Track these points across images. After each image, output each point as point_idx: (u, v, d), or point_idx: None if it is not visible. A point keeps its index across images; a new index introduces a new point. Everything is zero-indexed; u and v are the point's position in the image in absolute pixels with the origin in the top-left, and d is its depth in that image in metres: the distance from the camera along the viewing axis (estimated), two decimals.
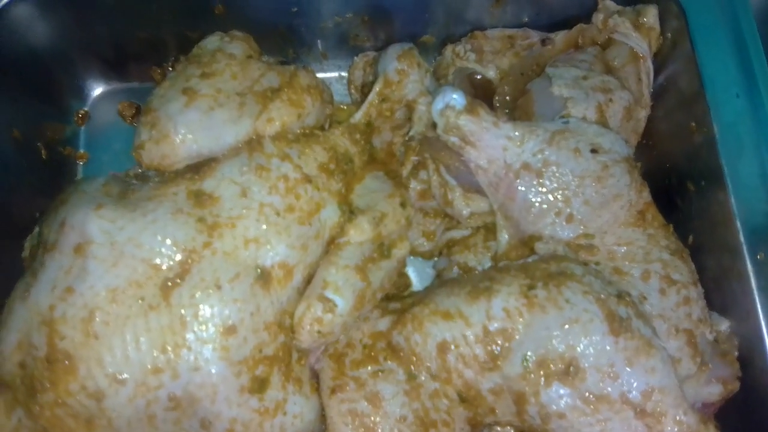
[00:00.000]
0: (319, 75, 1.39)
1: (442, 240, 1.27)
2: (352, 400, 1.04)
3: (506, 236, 1.17)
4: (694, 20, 1.19)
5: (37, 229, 1.07)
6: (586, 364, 0.98)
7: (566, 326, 0.99)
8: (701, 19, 1.19)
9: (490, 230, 1.23)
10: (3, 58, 1.16)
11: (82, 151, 1.35)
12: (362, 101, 1.29)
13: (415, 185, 1.26)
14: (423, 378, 1.06)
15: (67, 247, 0.92)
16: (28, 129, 1.23)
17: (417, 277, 1.30)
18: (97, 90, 1.37)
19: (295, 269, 0.99)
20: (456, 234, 1.26)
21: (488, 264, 1.21)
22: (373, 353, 1.08)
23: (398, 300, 1.17)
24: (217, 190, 0.97)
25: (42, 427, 0.90)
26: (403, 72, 1.14)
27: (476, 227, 1.25)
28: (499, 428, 1.07)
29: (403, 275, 1.27)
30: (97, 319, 0.88)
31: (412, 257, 1.27)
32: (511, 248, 1.17)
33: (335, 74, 1.41)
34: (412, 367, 1.06)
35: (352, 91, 1.34)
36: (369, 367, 1.07)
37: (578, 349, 0.99)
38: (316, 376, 1.09)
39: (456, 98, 1.12)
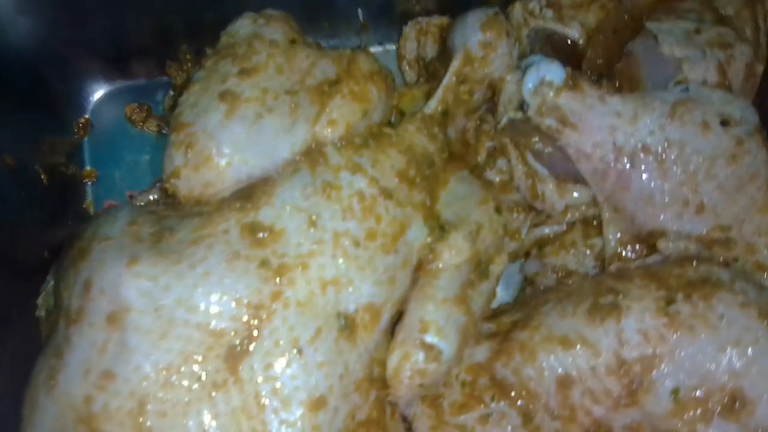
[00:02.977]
0: None
1: (530, 239, 1.07)
2: None
3: (617, 233, 0.97)
4: None
5: (51, 282, 0.87)
6: (755, 395, 0.80)
7: (725, 350, 0.81)
8: None
9: (588, 224, 1.03)
10: None
11: (88, 168, 1.12)
12: (420, 79, 1.07)
13: (492, 176, 1.05)
14: (540, 418, 0.88)
15: (97, 317, 0.71)
16: (21, 152, 1.00)
17: (501, 284, 1.09)
18: (98, 92, 1.14)
19: (383, 309, 0.79)
20: (547, 230, 1.06)
21: (591, 266, 1.02)
22: (476, 393, 0.90)
23: (490, 319, 0.97)
24: (278, 222, 0.76)
25: None
26: (488, 45, 0.91)
27: (571, 222, 1.04)
28: None
29: None
30: (150, 410, 0.68)
31: None
32: (623, 245, 0.97)
33: (379, 48, 1.18)
34: (527, 406, 0.87)
35: (405, 67, 1.12)
36: (475, 411, 0.88)
37: (743, 377, 0.80)
38: (408, 424, 0.91)
39: (554, 71, 0.90)
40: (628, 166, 0.92)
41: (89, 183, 1.12)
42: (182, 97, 0.83)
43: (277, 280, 0.74)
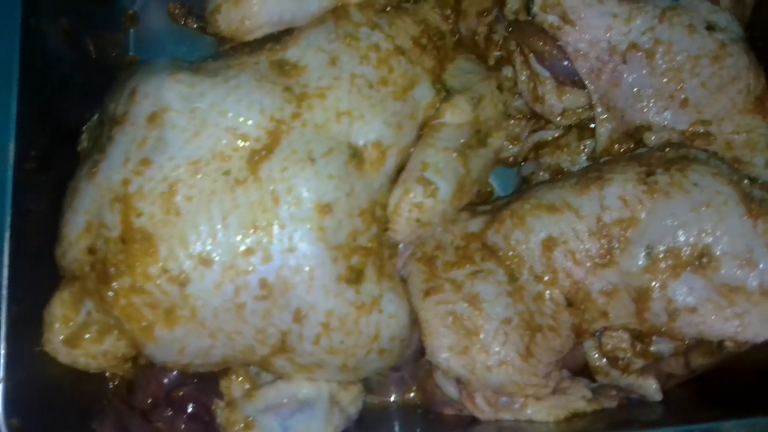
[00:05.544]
0: None
1: (529, 143, 1.16)
2: (449, 301, 0.94)
3: (608, 128, 1.05)
4: None
5: (96, 116, 0.97)
6: (720, 252, 0.88)
7: (696, 211, 0.89)
8: None
9: (584, 128, 1.12)
10: None
11: (131, 54, 1.23)
12: None
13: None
14: (525, 279, 0.95)
15: (140, 117, 0.81)
16: (75, 22, 1.11)
17: (500, 185, 1.18)
18: None
19: (389, 151, 0.88)
20: (545, 135, 1.14)
21: (585, 165, 1.10)
22: (467, 254, 0.98)
23: (486, 204, 1.06)
24: (302, 59, 0.86)
25: (115, 320, 0.80)
26: None
27: (568, 126, 1.13)
28: (613, 333, 0.96)
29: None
30: (179, 193, 0.78)
31: None
32: (612, 142, 1.06)
33: None
34: (513, 268, 0.95)
35: None
36: (465, 268, 0.96)
37: (711, 235, 0.88)
38: (403, 283, 0.98)
39: None
40: (620, 63, 1.02)
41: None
42: None
43: (299, 103, 0.83)
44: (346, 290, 0.82)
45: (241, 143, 0.80)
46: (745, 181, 0.91)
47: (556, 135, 1.14)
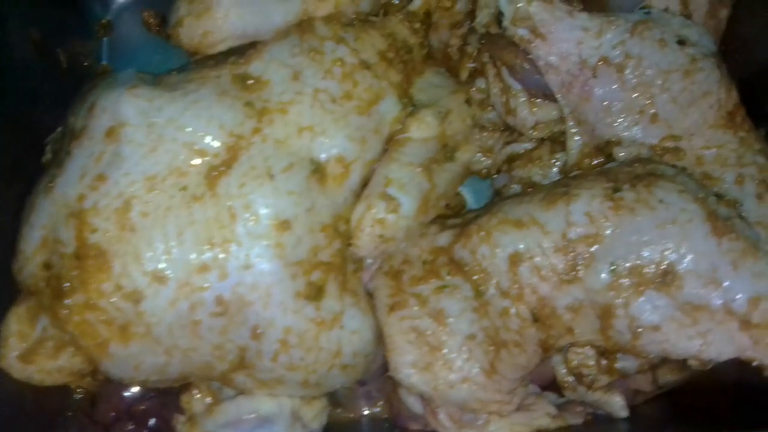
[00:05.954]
0: None
1: (502, 155, 1.15)
2: (414, 317, 0.93)
3: (579, 142, 1.05)
4: None
5: (59, 129, 0.96)
6: (685, 270, 0.87)
7: (661, 228, 0.88)
8: None
9: (556, 141, 1.11)
10: None
11: (104, 63, 1.23)
12: None
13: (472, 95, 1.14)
14: (491, 294, 0.94)
15: (97, 131, 0.81)
16: (46, 32, 1.11)
17: (473, 197, 1.17)
18: None
19: (353, 166, 0.88)
20: (518, 148, 1.13)
21: (556, 178, 1.09)
22: (434, 269, 0.97)
23: (456, 217, 1.05)
24: (265, 74, 0.86)
25: (70, 337, 0.79)
26: None
27: (540, 139, 1.12)
28: (578, 349, 0.95)
29: (457, 195, 1.15)
30: (134, 209, 0.77)
31: None
32: (583, 156, 1.05)
33: None
34: (479, 283, 0.95)
35: None
36: (431, 283, 0.96)
37: (675, 253, 0.87)
38: (370, 296, 0.98)
39: None
40: (590, 77, 1.01)
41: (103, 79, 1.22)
42: None
43: (259, 118, 0.83)
44: (305, 307, 0.82)
45: (198, 159, 0.80)
46: (711, 198, 0.90)
47: (529, 148, 1.13)
